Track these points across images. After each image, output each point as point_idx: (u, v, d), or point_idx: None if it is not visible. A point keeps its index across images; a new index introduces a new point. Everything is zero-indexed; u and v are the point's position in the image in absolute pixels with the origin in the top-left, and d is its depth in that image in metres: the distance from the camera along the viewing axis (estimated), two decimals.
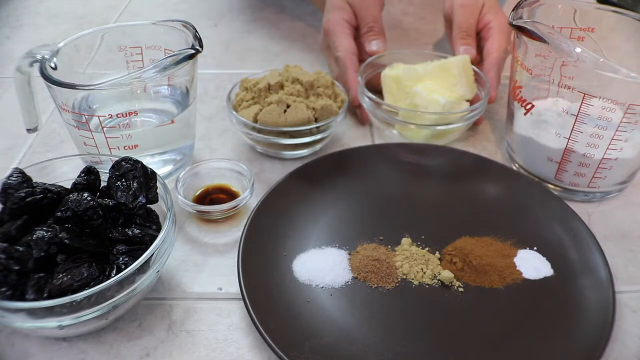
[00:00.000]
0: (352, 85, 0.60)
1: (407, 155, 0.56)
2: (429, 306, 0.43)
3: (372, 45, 0.63)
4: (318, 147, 0.58)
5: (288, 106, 0.54)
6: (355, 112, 0.63)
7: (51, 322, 0.36)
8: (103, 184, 0.44)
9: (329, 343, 0.39)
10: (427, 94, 0.56)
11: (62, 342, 0.40)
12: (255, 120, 0.53)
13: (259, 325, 0.39)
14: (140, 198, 0.42)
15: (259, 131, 0.53)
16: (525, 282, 0.45)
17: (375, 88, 0.61)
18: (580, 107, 0.47)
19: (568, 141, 0.49)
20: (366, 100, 0.59)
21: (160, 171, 0.47)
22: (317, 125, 0.53)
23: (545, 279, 0.45)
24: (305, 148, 0.57)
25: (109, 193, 0.42)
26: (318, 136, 0.55)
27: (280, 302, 0.42)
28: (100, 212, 0.39)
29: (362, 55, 0.64)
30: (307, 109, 0.53)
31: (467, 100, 0.59)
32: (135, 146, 0.49)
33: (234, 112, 0.55)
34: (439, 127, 0.56)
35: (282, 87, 0.55)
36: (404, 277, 0.45)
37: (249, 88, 0.56)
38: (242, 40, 0.79)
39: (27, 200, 0.39)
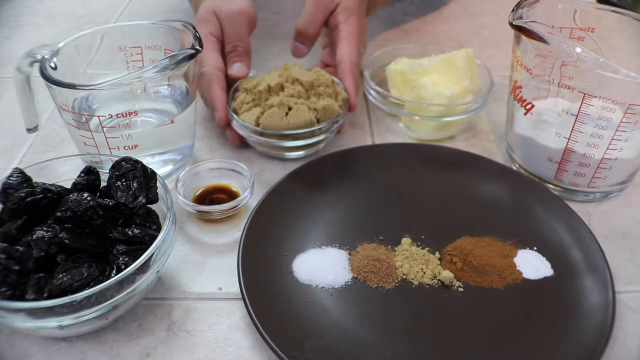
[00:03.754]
0: (219, 103, 0.55)
1: (407, 155, 0.56)
2: (429, 306, 0.43)
3: (233, 69, 0.58)
4: (320, 146, 0.58)
5: (290, 109, 0.53)
6: (226, 133, 0.59)
7: (51, 322, 0.36)
8: (103, 184, 0.44)
9: (329, 343, 0.39)
10: (433, 87, 0.57)
11: (62, 342, 0.40)
12: (257, 124, 0.53)
13: (259, 325, 0.39)
14: (140, 198, 0.42)
15: (261, 134, 0.53)
16: (525, 282, 0.45)
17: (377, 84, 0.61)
18: (580, 107, 0.47)
19: (568, 141, 0.49)
20: (372, 92, 0.59)
21: (160, 171, 0.47)
22: (320, 126, 0.53)
23: (545, 279, 0.45)
24: (307, 149, 0.57)
25: (109, 193, 0.42)
26: (320, 137, 0.54)
27: (280, 302, 0.42)
28: (100, 212, 0.39)
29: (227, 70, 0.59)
30: (308, 110, 0.53)
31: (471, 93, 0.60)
32: (135, 146, 0.49)
33: (235, 116, 0.54)
34: (444, 119, 0.57)
35: (282, 88, 0.55)
36: (404, 277, 0.45)
37: (249, 89, 0.56)
38: None
39: (27, 200, 0.39)
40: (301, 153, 0.57)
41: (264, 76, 0.57)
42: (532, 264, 0.46)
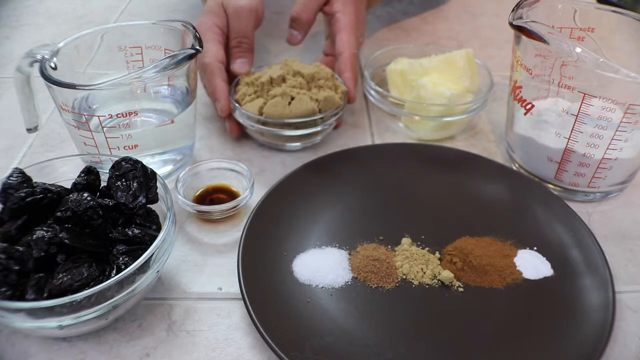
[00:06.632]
0: (221, 94, 0.56)
1: (407, 155, 0.56)
2: (429, 306, 0.43)
3: (236, 65, 0.58)
4: (318, 138, 0.58)
5: (292, 98, 0.54)
6: (230, 124, 0.59)
7: (51, 322, 0.36)
8: (103, 184, 0.44)
9: (329, 343, 0.39)
10: (433, 87, 0.57)
11: (62, 342, 0.40)
12: (261, 113, 0.54)
13: (259, 325, 0.39)
14: (140, 198, 0.42)
15: (264, 123, 0.54)
16: (525, 282, 0.45)
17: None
18: (580, 107, 0.47)
19: (568, 141, 0.49)
20: (372, 92, 0.59)
21: (160, 171, 0.47)
22: (321, 116, 0.54)
23: (545, 279, 0.45)
24: (306, 139, 0.57)
25: (109, 193, 0.42)
26: (321, 127, 0.55)
27: (280, 302, 0.42)
28: (100, 212, 0.39)
29: (229, 64, 0.60)
30: (311, 100, 0.54)
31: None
32: (135, 146, 0.49)
33: (238, 106, 0.55)
34: (444, 119, 0.57)
35: (284, 80, 0.56)
36: (404, 277, 0.45)
37: (250, 83, 0.57)
38: None
39: (27, 200, 0.39)
40: (299, 144, 0.58)
41: (265, 70, 0.58)
42: (532, 264, 0.46)
